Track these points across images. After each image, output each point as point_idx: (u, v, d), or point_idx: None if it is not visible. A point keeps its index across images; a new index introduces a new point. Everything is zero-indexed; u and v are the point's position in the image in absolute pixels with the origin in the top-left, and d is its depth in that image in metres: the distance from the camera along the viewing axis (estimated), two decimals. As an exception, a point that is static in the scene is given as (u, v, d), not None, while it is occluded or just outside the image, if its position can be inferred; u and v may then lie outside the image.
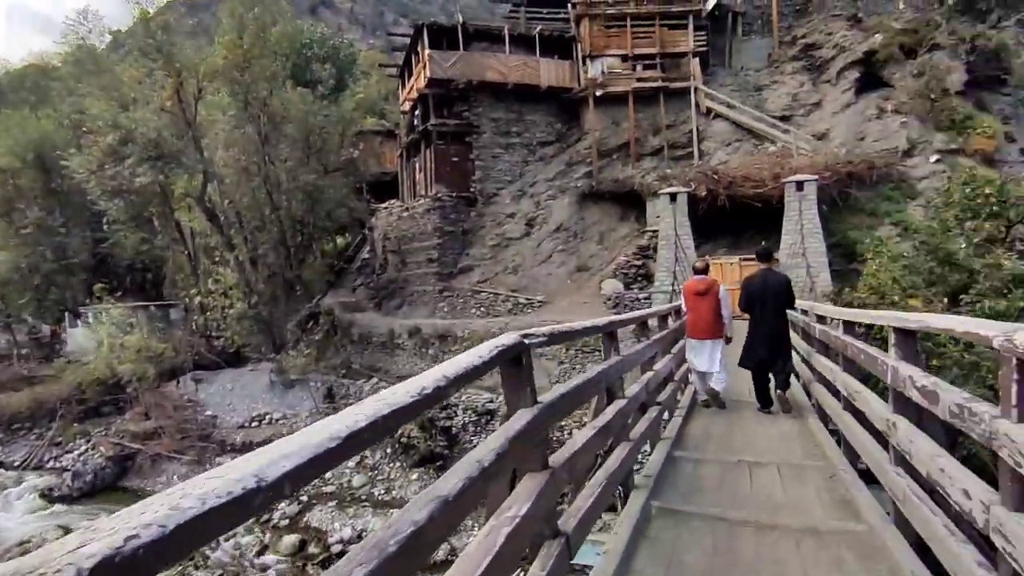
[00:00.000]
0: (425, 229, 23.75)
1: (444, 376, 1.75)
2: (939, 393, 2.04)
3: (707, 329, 6.32)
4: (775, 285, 6.24)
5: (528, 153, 24.38)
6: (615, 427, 3.01)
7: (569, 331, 2.72)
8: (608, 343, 3.31)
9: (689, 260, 17.30)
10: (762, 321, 6.14)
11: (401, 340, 21.99)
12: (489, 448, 1.80)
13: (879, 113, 21.43)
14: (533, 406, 2.12)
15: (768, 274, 6.45)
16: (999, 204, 11.81)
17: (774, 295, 6.15)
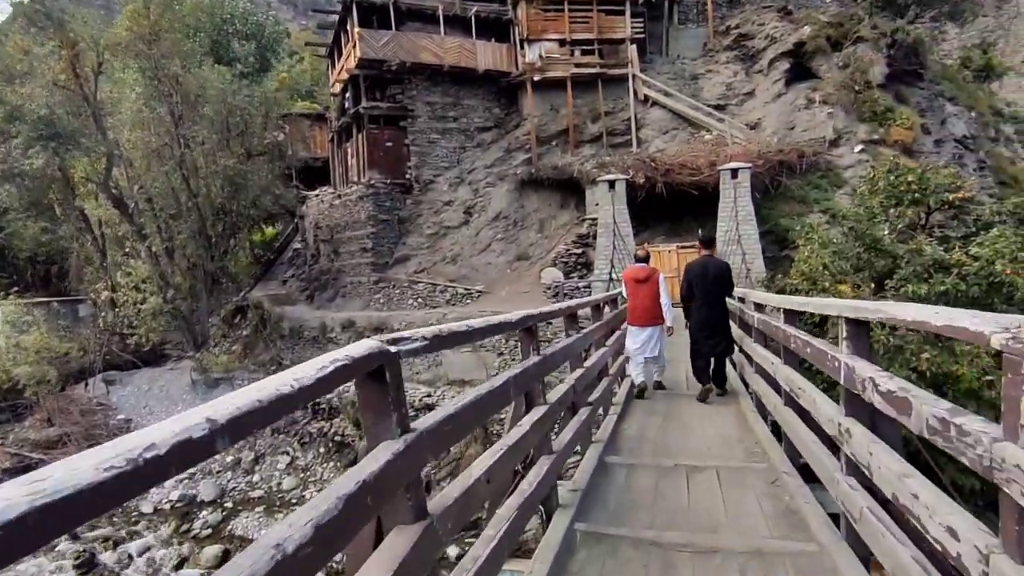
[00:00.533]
0: (358, 217, 22.69)
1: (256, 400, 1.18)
2: (912, 402, 1.63)
3: (647, 316, 6.42)
4: (715, 272, 6.30)
5: (466, 139, 23.68)
6: (531, 442, 2.52)
7: (463, 331, 2.18)
8: (527, 341, 2.81)
9: (628, 248, 17.17)
10: (703, 306, 6.22)
11: (334, 334, 20.95)
12: (319, 507, 1.24)
13: (808, 104, 21.97)
14: (401, 437, 1.57)
15: (709, 261, 6.50)
16: (920, 192, 12.14)
17: (714, 282, 6.24)
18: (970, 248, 11.10)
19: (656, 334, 6.45)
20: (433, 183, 23.18)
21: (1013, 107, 36.11)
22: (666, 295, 6.61)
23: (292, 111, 25.70)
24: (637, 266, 6.80)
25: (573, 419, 3.47)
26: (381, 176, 22.41)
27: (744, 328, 6.67)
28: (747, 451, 3.79)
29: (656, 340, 6.45)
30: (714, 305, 6.31)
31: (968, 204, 12.26)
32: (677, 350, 8.07)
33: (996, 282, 10.50)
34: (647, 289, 6.48)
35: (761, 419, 4.55)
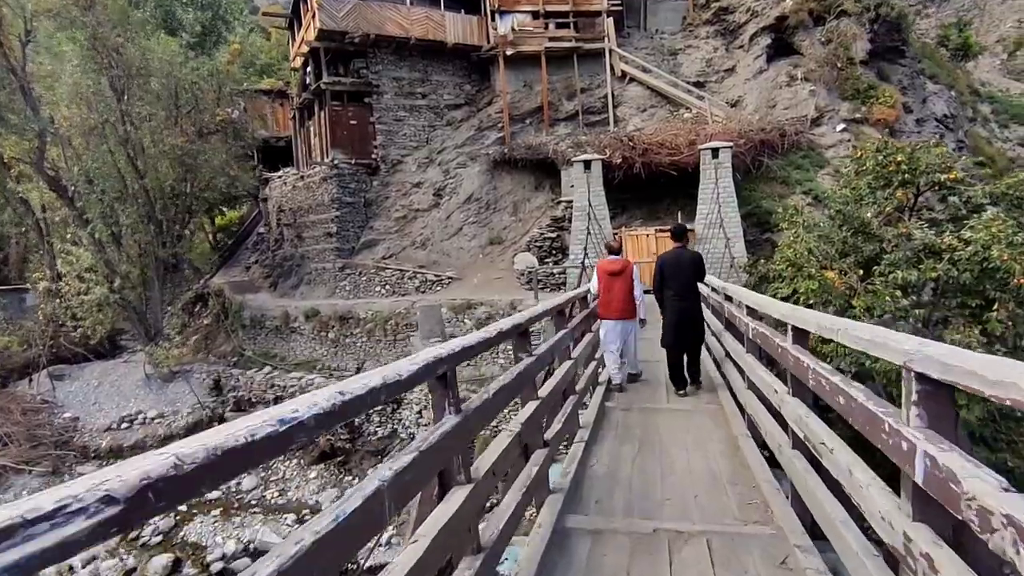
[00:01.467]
0: (322, 200, 21.48)
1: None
2: None
3: (621, 309, 6.33)
4: (689, 264, 6.28)
5: (435, 117, 22.48)
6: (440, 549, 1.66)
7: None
8: (441, 394, 1.94)
9: (604, 231, 16.36)
10: (678, 299, 6.17)
11: (298, 324, 19.89)
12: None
13: (789, 81, 21.25)
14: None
15: (682, 252, 6.45)
16: (910, 172, 11.49)
17: (689, 274, 6.23)
18: (963, 232, 10.50)
19: (630, 328, 6.44)
20: (401, 164, 22.02)
21: (987, 87, 35.99)
22: (639, 288, 6.60)
23: (249, 87, 24.12)
24: (610, 258, 6.67)
25: (520, 474, 2.64)
26: (345, 156, 21.17)
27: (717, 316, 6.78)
28: (743, 501, 3.02)
29: (631, 334, 6.47)
30: (688, 297, 6.26)
31: (958, 185, 11.65)
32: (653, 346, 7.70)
33: (990, 268, 9.93)
34: (621, 282, 6.39)
35: (754, 443, 3.79)
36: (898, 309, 10.56)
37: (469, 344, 2.16)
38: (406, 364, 1.73)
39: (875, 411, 1.63)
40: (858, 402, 1.76)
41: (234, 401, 19.02)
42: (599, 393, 5.36)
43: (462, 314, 16.82)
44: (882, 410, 1.62)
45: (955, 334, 10.45)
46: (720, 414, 4.67)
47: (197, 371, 20.45)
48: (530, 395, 3.00)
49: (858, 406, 1.76)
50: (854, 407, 1.79)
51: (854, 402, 1.79)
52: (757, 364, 3.58)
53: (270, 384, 18.59)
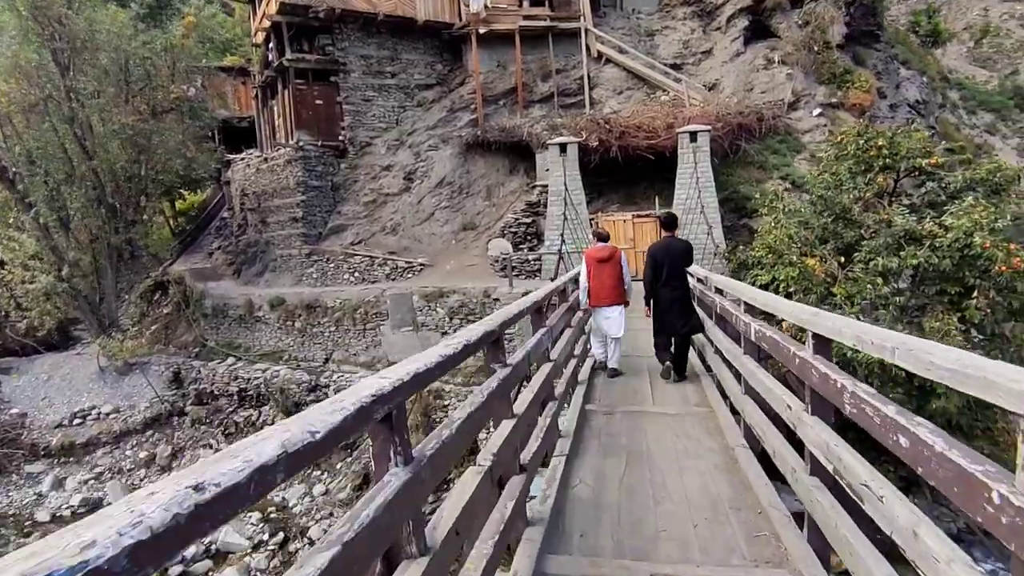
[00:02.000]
0: (287, 184, 20.55)
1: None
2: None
3: (611, 296, 6.42)
4: (680, 253, 6.31)
5: (405, 97, 21.64)
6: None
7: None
8: (384, 441, 1.42)
9: (581, 217, 15.91)
10: (669, 288, 6.18)
11: (262, 313, 19.07)
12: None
13: (766, 64, 20.98)
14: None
15: (672, 241, 6.42)
16: (891, 157, 11.27)
17: (680, 263, 6.26)
18: (944, 219, 10.33)
19: (619, 314, 6.47)
20: (370, 146, 21.17)
21: (955, 74, 36.43)
22: (628, 274, 6.68)
23: (208, 63, 22.83)
24: (598, 246, 6.73)
25: (493, 516, 2.16)
26: (311, 138, 20.24)
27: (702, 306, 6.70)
28: (750, 532, 2.60)
29: (619, 321, 6.47)
30: (680, 287, 6.28)
31: (938, 171, 11.48)
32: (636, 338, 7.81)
33: (971, 255, 9.78)
34: (609, 269, 6.46)
35: (753, 456, 3.40)
36: (878, 297, 10.38)
37: (424, 369, 1.66)
38: (326, 410, 1.22)
39: (972, 471, 1.19)
40: (937, 451, 1.32)
41: (195, 394, 18.19)
42: (579, 394, 4.92)
43: (434, 302, 16.26)
44: (983, 470, 1.18)
45: (934, 322, 10.32)
46: (711, 419, 4.27)
47: (155, 363, 19.51)
48: (504, 413, 2.53)
49: (938, 457, 1.32)
50: (930, 456, 1.35)
51: (929, 450, 1.35)
52: (759, 369, 3.16)
53: (233, 376, 17.81)
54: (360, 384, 1.46)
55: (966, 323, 10.33)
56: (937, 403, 9.53)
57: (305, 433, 1.06)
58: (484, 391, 2.16)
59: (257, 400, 17.47)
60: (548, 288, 3.92)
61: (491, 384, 2.27)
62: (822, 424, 2.22)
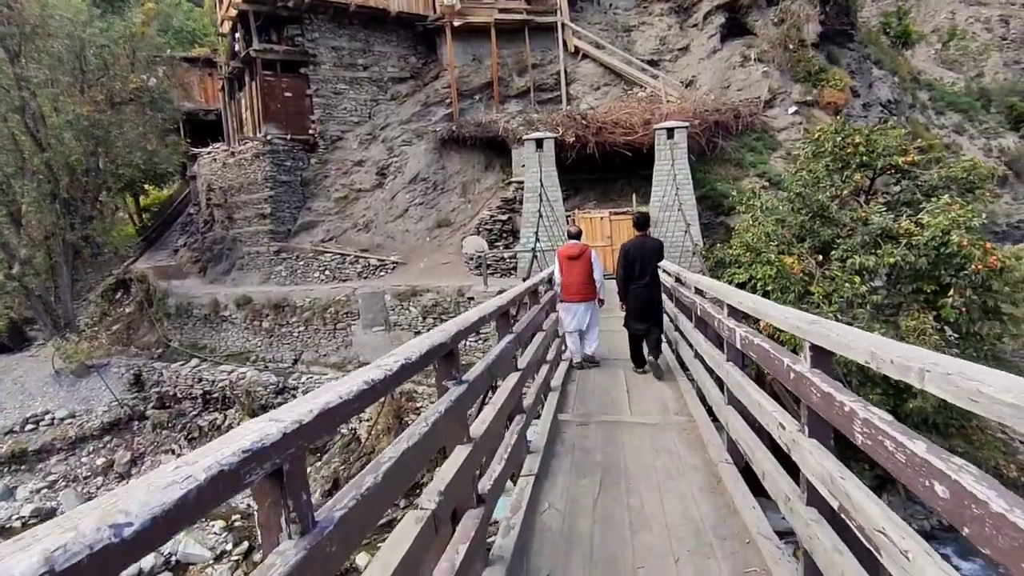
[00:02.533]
0: (255, 179, 19.86)
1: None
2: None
3: (580, 292, 6.61)
4: (652, 252, 6.49)
5: (378, 91, 21.09)
6: None
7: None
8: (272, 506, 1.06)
9: (557, 214, 15.61)
10: (641, 287, 6.34)
11: (229, 312, 18.39)
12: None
13: (743, 61, 20.93)
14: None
15: (646, 241, 6.57)
16: (868, 154, 11.19)
17: (652, 262, 6.44)
18: (920, 216, 10.27)
19: (588, 309, 6.65)
20: (341, 140, 20.58)
21: (923, 75, 37.07)
22: (599, 271, 6.79)
23: (171, 53, 21.94)
24: (570, 243, 6.88)
25: (441, 565, 1.81)
26: (279, 131, 19.59)
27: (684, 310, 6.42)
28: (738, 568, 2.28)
29: (590, 315, 6.66)
30: (651, 285, 6.46)
31: (914, 169, 11.44)
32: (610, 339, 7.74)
33: (947, 253, 9.72)
34: (579, 266, 6.63)
35: (739, 476, 3.10)
36: (856, 295, 10.28)
37: (337, 402, 1.28)
38: (160, 480, 0.83)
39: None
40: (993, 510, 1.01)
41: (157, 397, 17.46)
42: (552, 402, 4.59)
43: (407, 301, 15.82)
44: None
45: (910, 320, 10.26)
46: (692, 430, 3.97)
47: (115, 365, 18.69)
48: (458, 437, 2.18)
49: (995, 518, 1.01)
50: (982, 516, 1.04)
51: (981, 506, 1.04)
52: (745, 379, 2.85)
53: (197, 378, 17.13)
54: (240, 429, 1.09)
55: (941, 321, 10.30)
56: (914, 403, 9.45)
57: (97, 531, 0.67)
58: (429, 419, 1.79)
59: (223, 403, 16.81)
60: (517, 290, 3.57)
61: (440, 408, 1.91)
62: (823, 451, 1.91)
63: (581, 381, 5.57)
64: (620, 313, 6.82)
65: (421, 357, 1.70)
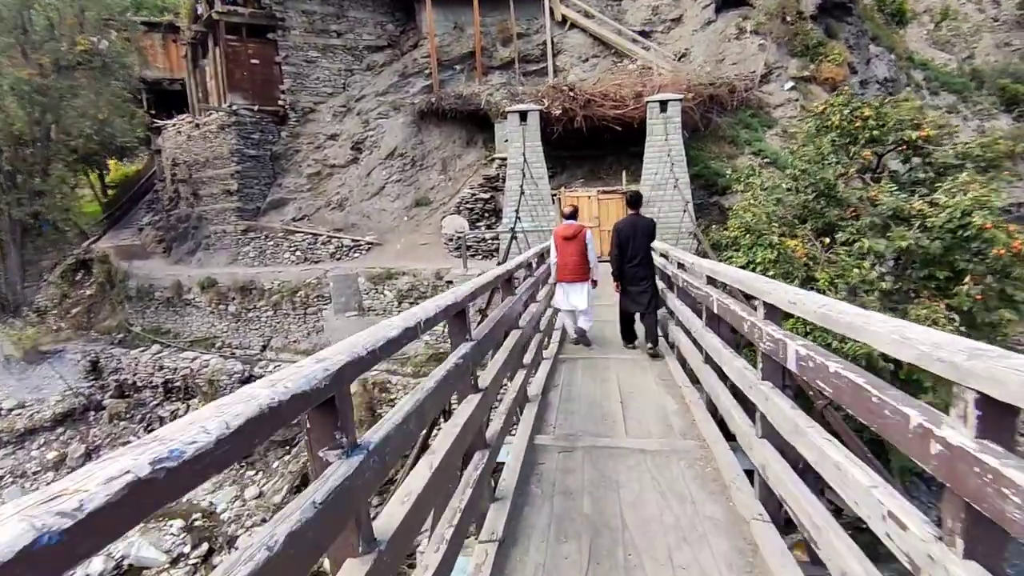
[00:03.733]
0: (220, 152, 18.58)
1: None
2: None
3: (575, 272, 6.66)
4: (644, 231, 6.49)
5: (353, 60, 19.78)
6: None
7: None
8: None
9: (542, 192, 14.64)
10: (634, 266, 6.41)
11: (192, 295, 17.26)
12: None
13: (738, 33, 19.90)
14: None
15: (638, 220, 6.59)
16: (878, 129, 10.33)
17: (644, 240, 6.45)
18: (937, 196, 9.46)
19: (583, 289, 6.69)
20: (313, 112, 19.32)
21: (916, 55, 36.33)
22: (593, 251, 6.79)
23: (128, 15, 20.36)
24: (566, 223, 6.90)
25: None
26: (246, 101, 18.28)
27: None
28: None
29: (583, 294, 6.69)
30: (644, 264, 6.48)
31: (926, 144, 10.59)
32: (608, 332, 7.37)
33: (965, 236, 8.93)
34: (574, 246, 6.66)
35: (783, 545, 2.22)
36: (863, 281, 9.49)
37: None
38: None
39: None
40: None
41: (116, 386, 16.37)
42: (528, 420, 3.66)
43: (381, 284, 14.82)
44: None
45: (920, 309, 9.49)
46: (704, 459, 3.05)
47: (71, 351, 17.53)
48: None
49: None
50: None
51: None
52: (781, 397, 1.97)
53: (158, 366, 16.05)
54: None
55: (954, 310, 9.56)
56: (925, 399, 8.73)
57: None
58: (316, 493, 0.92)
59: (185, 392, 15.78)
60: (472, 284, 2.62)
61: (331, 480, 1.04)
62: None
63: (566, 386, 4.68)
64: (609, 301, 6.94)
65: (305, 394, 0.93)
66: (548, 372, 4.98)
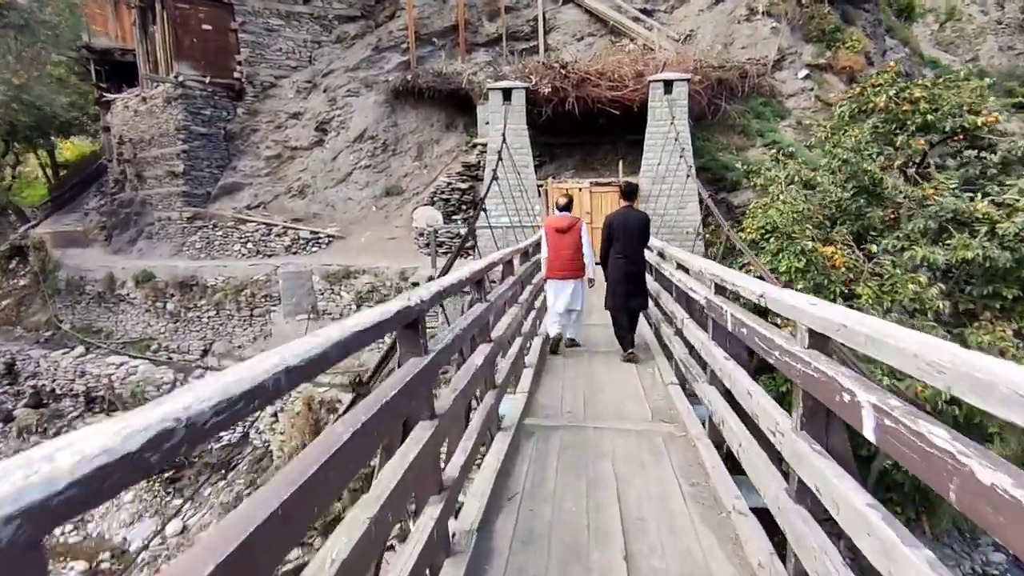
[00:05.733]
0: (166, 129, 16.45)
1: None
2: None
3: (568, 268, 6.18)
4: (637, 225, 5.98)
5: (321, 30, 17.70)
6: None
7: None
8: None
9: (525, 183, 12.69)
10: (624, 262, 5.93)
11: (126, 290, 15.17)
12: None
13: (748, 15, 18.05)
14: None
15: (630, 212, 6.08)
16: (932, 113, 8.51)
17: (636, 235, 5.95)
18: (1007, 195, 7.65)
19: (578, 287, 6.25)
20: (274, 87, 17.23)
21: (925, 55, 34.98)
22: (588, 245, 6.31)
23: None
24: (559, 215, 6.37)
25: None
26: (196, 72, 16.16)
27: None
28: None
29: (578, 294, 6.26)
30: (635, 260, 6.01)
31: (983, 135, 8.80)
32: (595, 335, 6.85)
33: (1047, 248, 7.14)
34: (568, 239, 6.18)
35: None
36: (914, 299, 7.67)
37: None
38: None
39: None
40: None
41: (32, 393, 14.24)
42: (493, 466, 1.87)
43: (338, 284, 12.84)
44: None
45: (982, 334, 7.70)
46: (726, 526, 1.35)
47: (-5, 348, 15.38)
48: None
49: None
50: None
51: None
52: None
53: (80, 371, 13.95)
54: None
55: (1022, 336, 7.79)
56: (993, 448, 6.93)
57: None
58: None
59: (110, 404, 13.69)
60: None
61: None
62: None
63: (535, 461, 2.84)
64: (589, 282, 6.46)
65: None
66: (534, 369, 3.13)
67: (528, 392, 4.27)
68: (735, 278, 2.72)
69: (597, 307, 7.54)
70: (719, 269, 3.07)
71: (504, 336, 3.68)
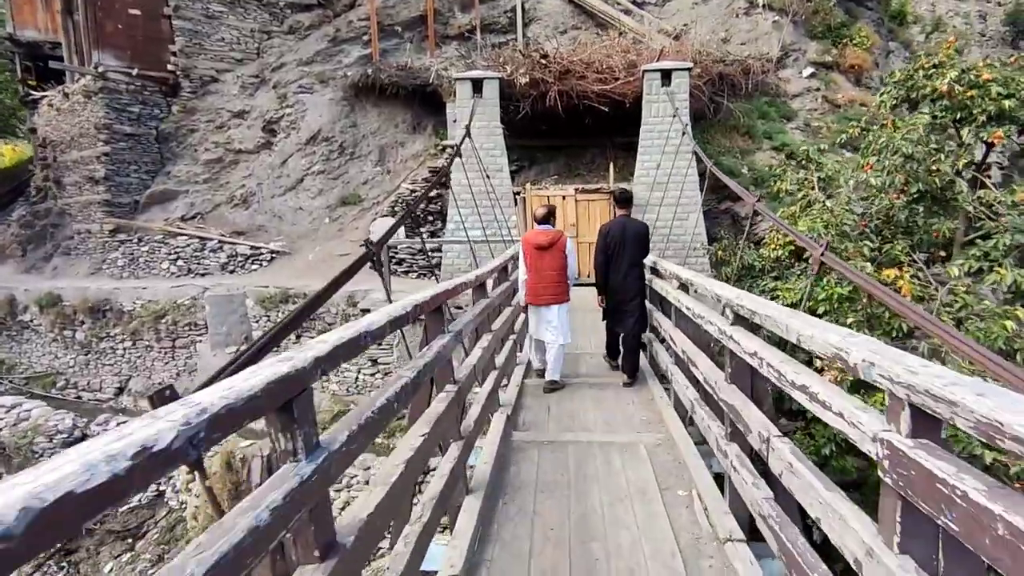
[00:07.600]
0: (86, 129, 14.25)
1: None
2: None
3: (551, 291, 5.28)
4: (635, 236, 5.39)
5: (271, 19, 15.68)
6: None
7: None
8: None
9: (498, 193, 10.72)
10: (622, 276, 5.37)
11: (28, 316, 12.85)
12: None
13: (748, 8, 16.45)
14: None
15: (627, 222, 5.47)
16: (1007, 98, 6.72)
17: (634, 248, 5.38)
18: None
19: (562, 314, 5.35)
20: (215, 83, 15.12)
21: (912, 64, 34.06)
22: (573, 265, 5.44)
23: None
24: (538, 228, 5.38)
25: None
26: (121, 63, 14.03)
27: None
28: None
29: (563, 322, 5.33)
30: (632, 275, 5.42)
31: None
32: None
33: None
34: (550, 258, 5.25)
35: None
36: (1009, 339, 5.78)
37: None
38: None
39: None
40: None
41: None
42: None
43: (275, 310, 10.71)
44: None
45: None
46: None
47: None
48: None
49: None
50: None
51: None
52: None
53: (-37, 415, 11.54)
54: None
55: None
56: None
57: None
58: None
59: (3, 453, 11.33)
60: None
61: None
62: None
63: None
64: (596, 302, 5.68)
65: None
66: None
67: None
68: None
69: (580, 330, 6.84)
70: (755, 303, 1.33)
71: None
